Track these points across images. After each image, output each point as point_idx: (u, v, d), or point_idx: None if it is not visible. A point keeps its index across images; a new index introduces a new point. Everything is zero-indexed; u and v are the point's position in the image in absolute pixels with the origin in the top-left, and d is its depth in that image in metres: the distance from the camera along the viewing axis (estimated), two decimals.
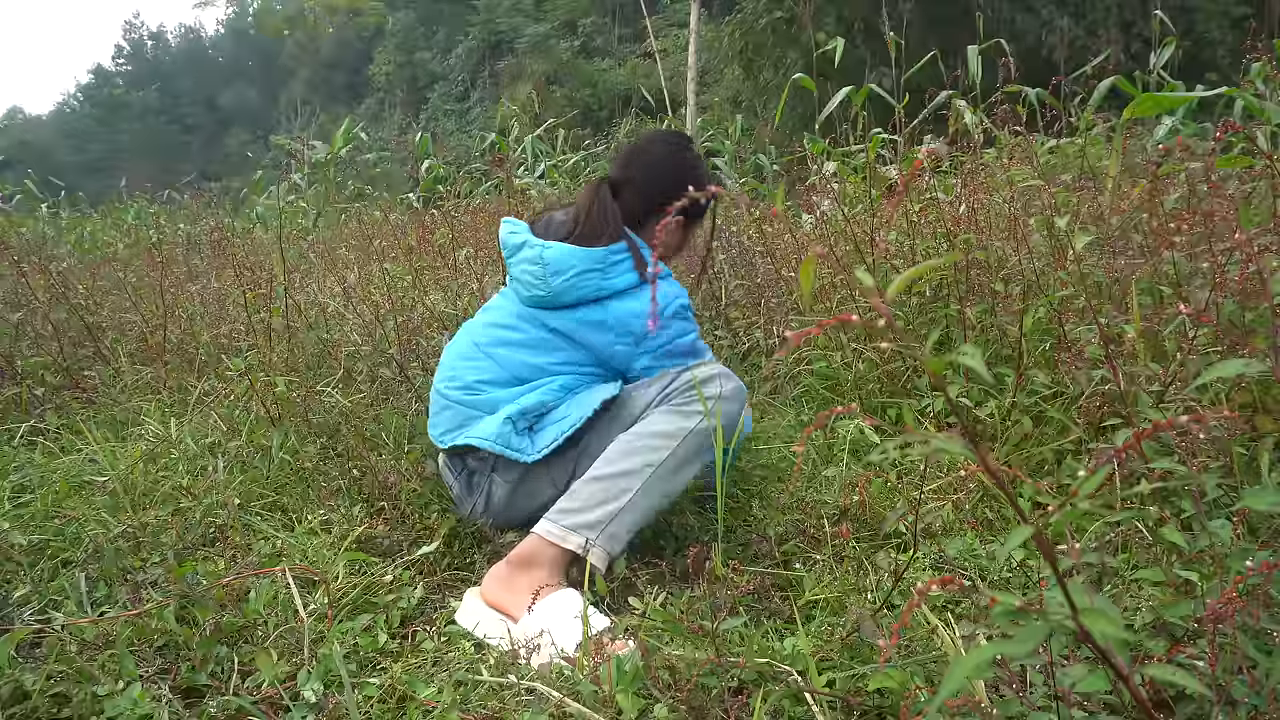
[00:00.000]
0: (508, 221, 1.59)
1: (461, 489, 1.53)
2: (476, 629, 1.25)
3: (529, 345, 1.50)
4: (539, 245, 1.48)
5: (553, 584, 1.26)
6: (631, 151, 1.61)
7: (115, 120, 50.64)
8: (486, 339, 1.54)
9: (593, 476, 1.34)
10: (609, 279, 1.46)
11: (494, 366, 1.50)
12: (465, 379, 1.51)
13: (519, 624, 1.23)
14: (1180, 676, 0.55)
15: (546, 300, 1.48)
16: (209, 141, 49.68)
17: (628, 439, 1.37)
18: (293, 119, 39.21)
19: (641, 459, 1.33)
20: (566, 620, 1.20)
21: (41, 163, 29.46)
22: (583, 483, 1.35)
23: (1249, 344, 1.27)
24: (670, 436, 1.34)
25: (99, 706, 1.03)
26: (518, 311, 1.53)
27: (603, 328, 1.46)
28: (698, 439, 1.36)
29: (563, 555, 1.30)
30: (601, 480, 1.33)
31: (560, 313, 1.48)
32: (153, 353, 2.53)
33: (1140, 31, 10.80)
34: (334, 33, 44.44)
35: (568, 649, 1.16)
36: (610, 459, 1.35)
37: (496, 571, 1.31)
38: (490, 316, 1.57)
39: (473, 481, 1.51)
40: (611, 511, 1.30)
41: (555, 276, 1.45)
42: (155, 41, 64.03)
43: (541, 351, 1.49)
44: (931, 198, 2.25)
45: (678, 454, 1.34)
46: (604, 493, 1.32)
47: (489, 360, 1.51)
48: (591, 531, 1.29)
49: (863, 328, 1.27)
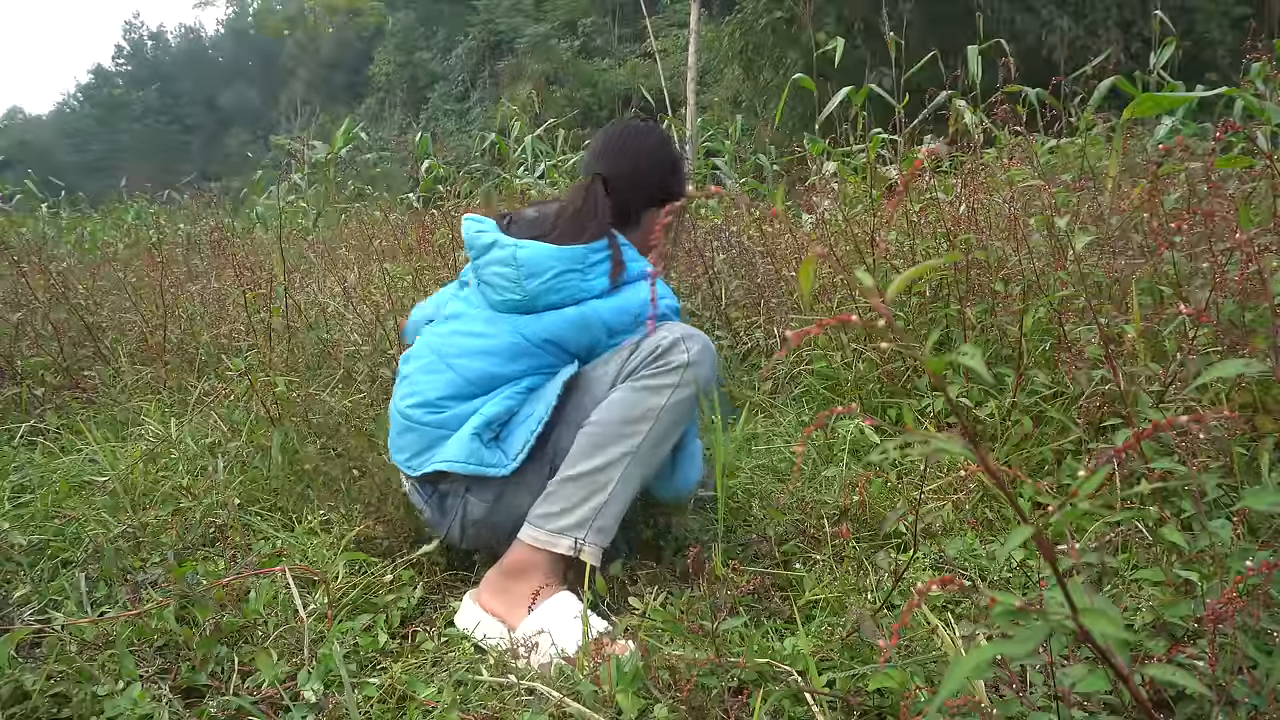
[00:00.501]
0: (472, 219, 1.44)
1: (434, 513, 1.41)
2: (476, 631, 1.25)
3: (498, 353, 1.36)
4: (511, 245, 1.35)
5: (550, 586, 1.26)
6: (621, 144, 1.48)
7: (115, 120, 50.63)
8: (451, 349, 1.39)
9: (569, 475, 1.28)
10: (589, 280, 1.35)
11: (457, 380, 1.37)
12: (428, 396, 1.37)
13: (518, 628, 1.22)
14: (1180, 676, 0.55)
15: (522, 305, 1.35)
16: (209, 141, 49.68)
17: (598, 429, 1.28)
18: (293, 119, 39.20)
19: (618, 449, 1.27)
20: (565, 621, 1.19)
21: (41, 163, 29.44)
22: (560, 482, 1.29)
23: (1249, 344, 1.27)
24: (642, 419, 1.28)
25: (99, 706, 1.03)
26: (487, 317, 1.39)
27: (586, 330, 1.35)
28: (671, 414, 1.29)
29: (555, 558, 1.27)
30: (579, 479, 1.28)
31: (538, 318, 1.35)
32: (153, 353, 2.53)
33: (1140, 31, 10.81)
34: (334, 33, 44.45)
35: (568, 650, 1.16)
36: (585, 452, 1.28)
37: (491, 580, 1.28)
38: (456, 325, 1.42)
39: (445, 505, 1.39)
40: (595, 507, 1.26)
41: (531, 279, 1.33)
42: (155, 41, 64.02)
43: (509, 360, 1.36)
44: (931, 198, 2.25)
45: (653, 434, 1.28)
46: (585, 490, 1.27)
47: (451, 372, 1.37)
48: (580, 531, 1.26)
49: (863, 328, 1.26)
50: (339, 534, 1.48)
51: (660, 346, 1.30)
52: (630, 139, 1.49)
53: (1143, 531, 1.25)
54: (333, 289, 2.98)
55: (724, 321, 2.56)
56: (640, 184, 1.46)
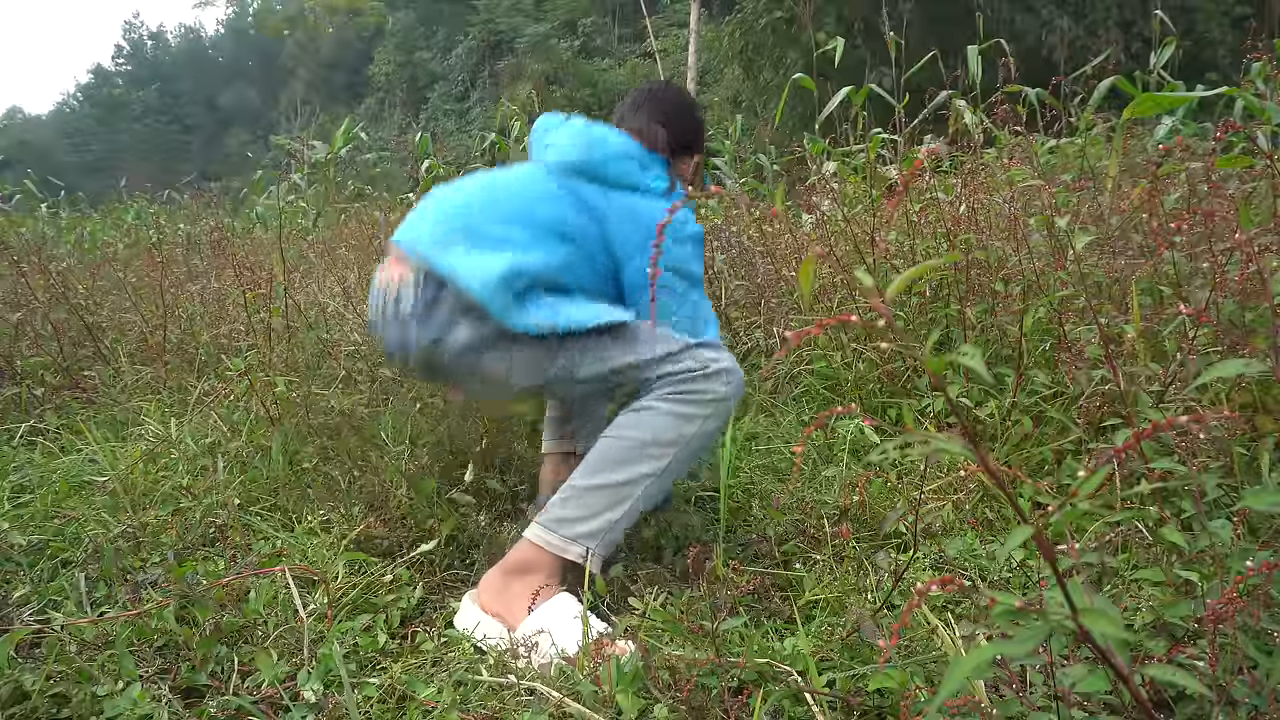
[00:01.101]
0: (549, 115, 1.54)
1: (412, 308, 1.33)
2: (476, 631, 1.25)
3: (549, 199, 1.39)
4: (584, 122, 1.47)
5: (550, 586, 1.26)
6: (654, 98, 1.59)
7: (115, 120, 50.62)
8: (502, 189, 1.42)
9: (591, 485, 1.29)
10: (645, 176, 1.42)
11: (506, 207, 1.38)
12: (471, 202, 1.39)
13: (518, 629, 1.22)
14: (1180, 676, 0.55)
15: (583, 166, 1.41)
16: (209, 141, 49.67)
17: (627, 444, 1.30)
18: (293, 119, 39.20)
19: (644, 469, 1.29)
20: (566, 622, 1.19)
21: (41, 163, 29.47)
22: (584, 490, 1.29)
23: (1249, 344, 1.27)
24: (672, 444, 1.30)
25: (98, 706, 1.03)
26: (545, 172, 1.44)
27: (635, 220, 1.39)
28: (699, 442, 1.32)
29: (559, 561, 1.28)
30: (600, 490, 1.29)
31: (596, 185, 1.40)
32: (153, 353, 2.53)
33: (1140, 31, 10.81)
34: (334, 33, 44.45)
35: (568, 650, 1.16)
36: (610, 464, 1.29)
37: (490, 580, 1.29)
38: (498, 173, 1.47)
39: (433, 313, 1.32)
40: (612, 520, 1.28)
41: (598, 148, 1.41)
42: (155, 41, 64.01)
43: (560, 207, 1.38)
44: (931, 198, 2.25)
45: (678, 459, 1.31)
46: (605, 502, 1.28)
47: (494, 196, 1.40)
48: (592, 540, 1.27)
49: (863, 328, 1.25)
50: (339, 534, 1.48)
51: (705, 370, 1.31)
52: (658, 92, 1.61)
53: (1143, 531, 1.25)
54: (333, 289, 2.98)
55: (724, 321, 2.56)
56: (674, 131, 1.55)
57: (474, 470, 1.68)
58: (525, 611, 1.22)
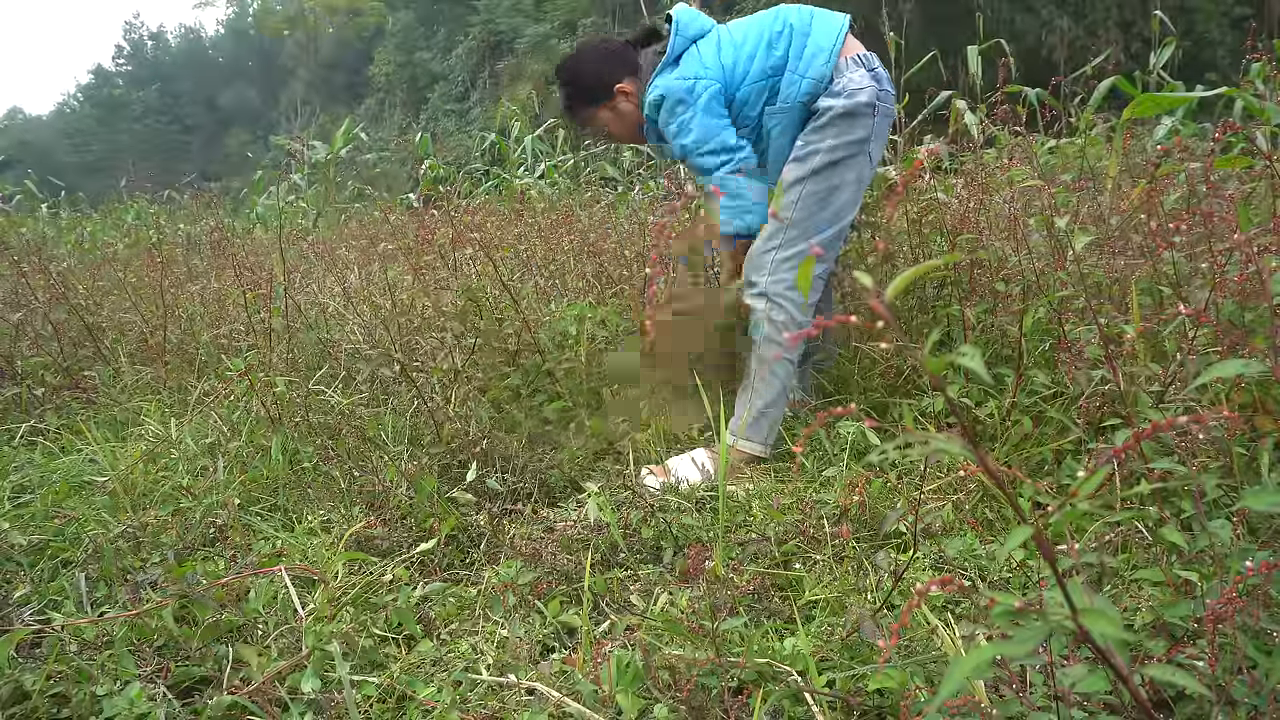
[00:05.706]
0: None
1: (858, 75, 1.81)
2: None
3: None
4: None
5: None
6: (565, 67, 2.03)
7: (115, 120, 50.62)
8: None
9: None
10: None
11: None
12: None
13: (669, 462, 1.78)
14: (1180, 676, 0.55)
15: None
16: (209, 141, 49.66)
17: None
18: (293, 119, 39.19)
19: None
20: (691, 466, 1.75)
21: (41, 163, 29.45)
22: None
23: (1249, 344, 1.27)
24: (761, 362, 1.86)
25: (98, 706, 1.03)
26: None
27: None
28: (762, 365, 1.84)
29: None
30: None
31: None
32: (153, 353, 2.53)
33: (1140, 31, 10.82)
34: (334, 33, 44.45)
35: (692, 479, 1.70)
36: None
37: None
38: None
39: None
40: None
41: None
42: (155, 42, 63.98)
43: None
44: (931, 198, 2.25)
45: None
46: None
47: None
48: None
49: (863, 328, 1.23)
50: (339, 534, 1.48)
51: (767, 315, 1.88)
52: (566, 64, 2.02)
53: (1143, 531, 1.25)
54: (333, 289, 2.98)
55: None
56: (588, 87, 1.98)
57: (474, 470, 1.68)
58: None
